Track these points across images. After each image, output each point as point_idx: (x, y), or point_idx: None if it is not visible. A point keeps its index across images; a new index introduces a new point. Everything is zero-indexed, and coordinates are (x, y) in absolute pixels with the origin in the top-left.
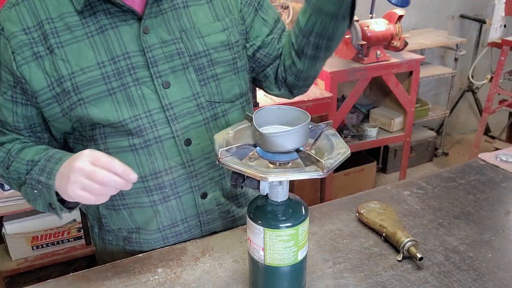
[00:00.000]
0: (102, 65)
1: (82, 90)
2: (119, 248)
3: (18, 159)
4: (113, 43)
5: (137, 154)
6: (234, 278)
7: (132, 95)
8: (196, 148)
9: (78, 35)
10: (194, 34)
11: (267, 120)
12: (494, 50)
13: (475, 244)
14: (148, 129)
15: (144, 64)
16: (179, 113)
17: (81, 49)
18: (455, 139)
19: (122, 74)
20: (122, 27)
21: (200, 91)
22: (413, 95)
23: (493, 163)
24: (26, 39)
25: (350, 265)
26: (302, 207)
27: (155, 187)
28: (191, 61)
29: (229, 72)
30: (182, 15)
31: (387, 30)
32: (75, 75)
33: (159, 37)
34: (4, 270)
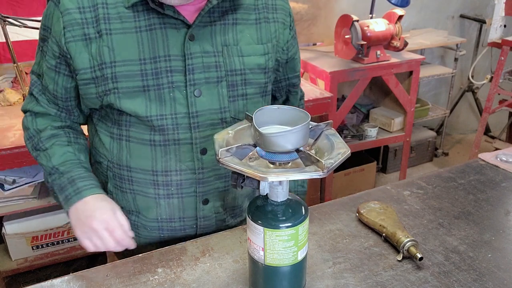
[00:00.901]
0: (143, 61)
1: (120, 80)
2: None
3: (46, 155)
4: (158, 43)
5: (154, 150)
6: (234, 278)
7: (164, 96)
8: (210, 158)
9: (127, 27)
10: (235, 51)
11: (267, 120)
12: (494, 50)
13: (475, 244)
14: (170, 130)
15: (182, 69)
16: (202, 122)
17: (127, 41)
18: (455, 139)
19: (159, 74)
20: (171, 30)
21: (228, 106)
22: (413, 95)
23: (493, 163)
24: (79, 18)
25: (350, 265)
26: (302, 207)
27: (163, 183)
28: (226, 76)
29: (258, 94)
30: (228, 31)
31: (387, 30)
32: (116, 65)
33: (202, 46)
34: (4, 270)
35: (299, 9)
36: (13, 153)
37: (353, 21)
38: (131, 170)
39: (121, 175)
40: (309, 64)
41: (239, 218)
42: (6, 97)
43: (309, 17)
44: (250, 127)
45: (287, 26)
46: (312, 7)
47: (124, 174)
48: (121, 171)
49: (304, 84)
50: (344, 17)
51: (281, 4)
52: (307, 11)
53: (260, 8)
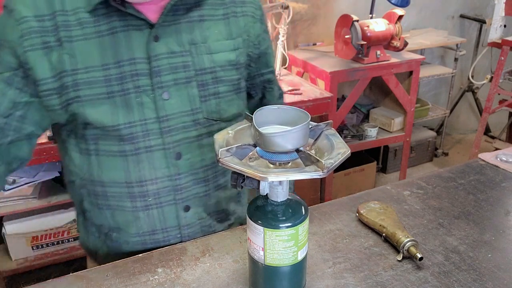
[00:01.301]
0: (106, 67)
1: (81, 88)
2: (101, 240)
3: None
4: (121, 46)
5: (125, 160)
6: (234, 278)
7: (131, 102)
8: (185, 162)
9: (89, 33)
10: (204, 49)
11: (267, 120)
12: (494, 50)
13: (475, 244)
14: (140, 138)
15: (147, 72)
16: (173, 126)
17: (89, 47)
18: (455, 139)
19: (124, 79)
20: (134, 31)
21: (199, 107)
22: (413, 95)
23: (493, 163)
24: (37, 27)
25: (350, 265)
26: (302, 207)
27: (139, 194)
28: (195, 76)
29: (231, 92)
30: (195, 28)
31: (387, 30)
32: (77, 72)
33: (168, 47)
34: (4, 270)
35: (299, 9)
36: None
37: (353, 21)
38: (105, 184)
39: (95, 191)
40: (309, 64)
41: (226, 222)
42: None
43: (309, 17)
44: (250, 127)
45: (257, 19)
46: (312, 7)
47: (98, 190)
48: (95, 187)
49: (304, 84)
50: (344, 17)
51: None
52: (307, 11)
53: (227, 3)
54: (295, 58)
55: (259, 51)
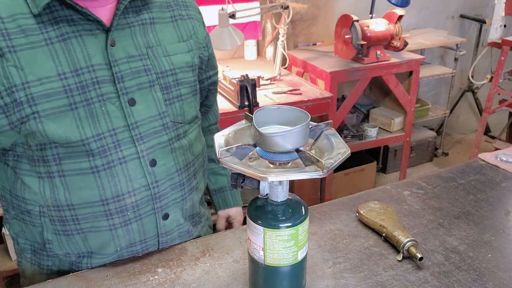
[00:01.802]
0: (63, 76)
1: (39, 103)
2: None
3: None
4: (76, 53)
5: (98, 177)
6: (234, 278)
7: (96, 112)
8: (161, 169)
9: (35, 41)
10: (161, 52)
11: (267, 120)
12: (494, 50)
13: (475, 244)
14: (112, 149)
15: (110, 79)
16: (144, 132)
17: (38, 56)
18: (455, 139)
19: (86, 88)
20: (87, 37)
21: (165, 111)
22: (413, 95)
23: (493, 163)
24: None
25: (350, 265)
26: (302, 207)
27: (116, 210)
28: (157, 79)
29: (190, 94)
30: (148, 31)
31: (387, 30)
32: (30, 85)
33: (125, 51)
34: (4, 270)
35: (299, 9)
36: None
37: (353, 21)
38: (74, 208)
39: (62, 217)
40: (309, 64)
41: (199, 225)
42: None
43: (309, 17)
44: (250, 127)
45: (201, 22)
46: (312, 7)
47: (66, 215)
48: (62, 213)
49: (304, 84)
50: (344, 17)
51: (190, 1)
52: (307, 11)
53: (172, 5)
54: (295, 58)
55: (208, 53)
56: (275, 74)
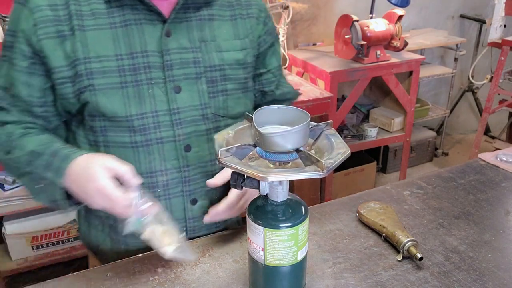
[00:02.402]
0: (120, 57)
1: (95, 77)
2: (104, 233)
3: (20, 147)
4: (134, 38)
5: (136, 152)
6: (234, 278)
7: (143, 93)
8: (194, 155)
9: (102, 23)
10: (213, 47)
11: (267, 120)
12: (494, 50)
13: (475, 244)
14: (151, 129)
15: (160, 65)
16: (184, 119)
17: (101, 37)
18: (455, 139)
19: (137, 70)
20: (146, 25)
21: (208, 103)
22: (413, 95)
23: (493, 163)
24: (51, 16)
25: (350, 265)
26: (302, 207)
27: (148, 185)
28: (205, 72)
29: (238, 90)
30: (205, 26)
31: (387, 30)
32: (90, 61)
33: (179, 42)
34: (4, 270)
35: (299, 9)
36: None
37: (353, 21)
38: None
39: None
40: (309, 64)
41: (229, 220)
42: None
43: (309, 17)
44: (250, 127)
45: (261, 21)
46: (312, 7)
47: None
48: None
49: (304, 84)
50: (344, 17)
51: (255, 0)
52: (307, 11)
53: (234, 5)
54: (295, 58)
55: (258, 52)
56: None
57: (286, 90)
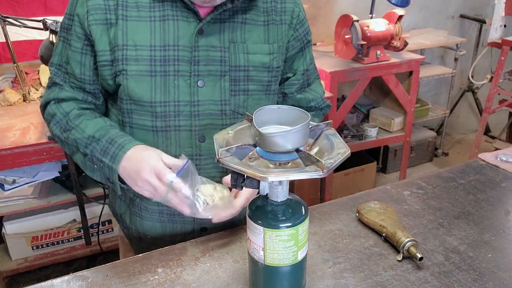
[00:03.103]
0: (153, 48)
1: (129, 63)
2: (125, 203)
3: (78, 129)
4: (169, 33)
5: (156, 135)
6: (234, 278)
7: (169, 83)
8: (207, 146)
9: (143, 16)
10: (242, 48)
11: (267, 120)
12: (494, 50)
13: (475, 244)
14: (171, 117)
15: (188, 60)
16: (202, 111)
17: (140, 28)
18: (455, 139)
19: (167, 61)
20: (182, 22)
21: (228, 100)
22: (413, 95)
23: (493, 163)
24: (102, 4)
25: (350, 265)
26: (302, 207)
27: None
28: (229, 71)
29: (260, 92)
30: (237, 29)
31: (387, 30)
32: (128, 48)
33: (209, 41)
34: (4, 270)
35: None
36: (13, 153)
37: (353, 21)
38: None
39: None
40: None
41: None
42: (6, 97)
43: (309, 17)
44: (250, 127)
45: (292, 27)
46: (312, 7)
47: None
48: None
49: None
50: (344, 17)
51: (290, 7)
52: (307, 11)
53: (269, 11)
54: None
55: (286, 57)
56: None
57: (310, 97)
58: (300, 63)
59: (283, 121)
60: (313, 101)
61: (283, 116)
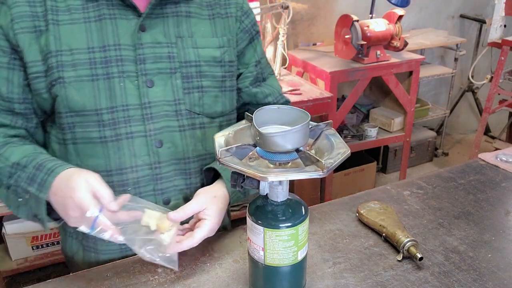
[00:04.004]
0: (91, 50)
1: (66, 70)
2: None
3: (1, 158)
4: (107, 32)
5: (106, 147)
6: (234, 278)
7: (114, 86)
8: (166, 151)
9: (76, 18)
10: (190, 43)
11: (267, 120)
12: (494, 50)
13: (475, 244)
14: (121, 123)
15: (132, 59)
16: (156, 113)
17: (75, 31)
18: (455, 139)
19: (109, 63)
20: (121, 20)
21: (182, 99)
22: (413, 95)
23: (493, 163)
24: (29, 11)
25: (350, 265)
26: (302, 207)
27: (118, 183)
28: (180, 68)
29: (215, 88)
30: (182, 23)
31: (387, 30)
32: (62, 54)
33: (154, 37)
34: (4, 270)
35: (299, 9)
36: None
37: (353, 21)
38: None
39: None
40: (309, 64)
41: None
42: None
43: (309, 17)
44: (250, 127)
45: (238, 20)
46: (312, 7)
47: None
48: None
49: (304, 84)
50: (344, 17)
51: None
52: (307, 11)
53: (212, 5)
54: (295, 58)
55: (236, 50)
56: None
57: (267, 92)
58: (251, 55)
59: (283, 121)
60: (270, 95)
61: (283, 116)
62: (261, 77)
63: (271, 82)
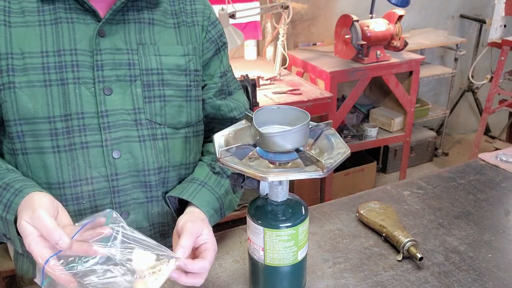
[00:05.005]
0: (45, 54)
1: (16, 74)
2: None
3: None
4: (63, 36)
5: (58, 158)
6: (234, 278)
7: (69, 93)
8: (124, 162)
9: (30, 21)
10: (152, 50)
11: (267, 120)
12: (494, 50)
13: (475, 244)
14: (76, 132)
15: (90, 65)
16: (113, 122)
17: (28, 34)
18: (455, 139)
19: (64, 68)
20: (78, 24)
21: (142, 108)
22: (413, 95)
23: (493, 163)
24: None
25: (350, 265)
26: (302, 207)
27: (71, 196)
28: (140, 75)
29: (179, 98)
30: (144, 30)
31: (387, 30)
32: (13, 57)
33: (113, 43)
34: (4, 270)
35: (299, 9)
36: None
37: (353, 21)
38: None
39: None
40: (309, 64)
41: (169, 239)
42: None
43: (309, 17)
44: (250, 127)
45: (204, 29)
46: (312, 7)
47: None
48: None
49: (304, 84)
50: (344, 17)
51: (200, 8)
52: (307, 11)
53: (178, 13)
54: (295, 58)
55: (202, 60)
56: (275, 74)
57: (232, 105)
58: (216, 66)
59: (283, 121)
60: (236, 110)
61: (283, 116)
62: (226, 89)
63: (237, 97)
